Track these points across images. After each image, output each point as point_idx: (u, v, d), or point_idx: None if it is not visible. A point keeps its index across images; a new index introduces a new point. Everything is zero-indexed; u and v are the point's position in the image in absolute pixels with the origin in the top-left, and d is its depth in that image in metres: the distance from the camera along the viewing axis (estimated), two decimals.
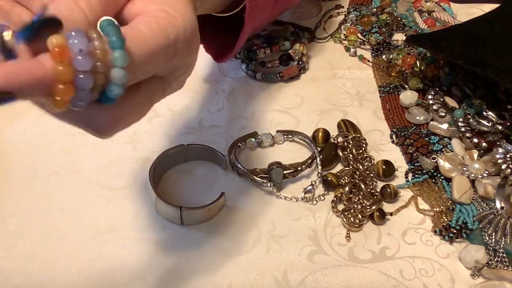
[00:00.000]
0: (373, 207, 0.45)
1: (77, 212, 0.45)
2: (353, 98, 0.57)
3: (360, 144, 0.50)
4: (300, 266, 0.42)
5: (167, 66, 0.30)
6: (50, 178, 0.48)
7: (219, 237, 0.44)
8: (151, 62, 0.28)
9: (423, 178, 0.48)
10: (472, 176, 0.46)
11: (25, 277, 0.41)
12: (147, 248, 0.43)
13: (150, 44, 0.27)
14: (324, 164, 0.49)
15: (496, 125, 0.48)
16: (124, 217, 0.45)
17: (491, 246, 0.42)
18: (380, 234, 0.44)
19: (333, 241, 0.43)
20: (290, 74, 0.58)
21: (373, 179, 0.48)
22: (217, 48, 0.52)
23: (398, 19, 0.66)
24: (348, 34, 0.65)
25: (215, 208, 0.45)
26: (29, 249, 0.43)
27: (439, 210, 0.45)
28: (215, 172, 0.49)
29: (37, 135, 0.52)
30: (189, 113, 0.55)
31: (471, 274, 0.41)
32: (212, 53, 0.53)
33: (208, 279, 0.41)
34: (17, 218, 0.45)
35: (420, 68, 0.57)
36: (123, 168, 0.49)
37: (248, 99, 0.57)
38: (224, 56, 0.51)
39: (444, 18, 0.63)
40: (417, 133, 0.52)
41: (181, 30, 0.29)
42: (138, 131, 0.53)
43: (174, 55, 0.29)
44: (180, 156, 0.49)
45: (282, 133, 0.52)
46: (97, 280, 0.41)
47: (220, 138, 0.52)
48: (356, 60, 0.62)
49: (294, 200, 0.47)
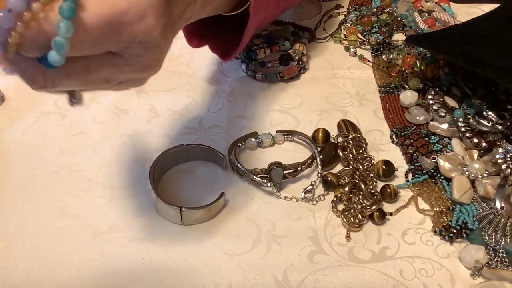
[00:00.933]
0: (373, 207, 0.45)
1: (77, 212, 0.45)
2: (353, 98, 0.57)
3: (360, 144, 0.50)
4: (300, 266, 0.42)
5: (112, 39, 0.29)
6: (50, 178, 0.48)
7: (219, 237, 0.44)
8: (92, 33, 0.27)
9: (423, 178, 0.48)
10: (472, 176, 0.46)
11: (25, 277, 0.41)
12: (147, 248, 0.43)
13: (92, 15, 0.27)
14: (324, 164, 0.49)
15: (496, 125, 0.48)
16: (124, 217, 0.45)
17: (491, 246, 0.42)
18: (380, 234, 0.44)
19: (333, 241, 0.43)
20: (290, 74, 0.58)
21: (373, 179, 0.48)
22: (222, 47, 0.52)
23: (398, 19, 0.66)
24: (348, 34, 0.65)
25: (215, 208, 0.45)
26: (29, 249, 0.43)
27: (439, 210, 0.45)
28: (215, 172, 0.49)
29: (37, 135, 0.52)
30: (189, 113, 0.55)
31: (471, 274, 0.41)
32: (218, 52, 0.53)
33: (208, 279, 0.41)
34: (17, 218, 0.45)
35: (420, 68, 0.57)
36: (123, 168, 0.49)
37: (248, 99, 0.57)
38: (230, 54, 0.51)
39: (444, 18, 0.63)
40: (417, 133, 0.52)
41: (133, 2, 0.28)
42: (138, 131, 0.53)
43: (121, 28, 0.28)
44: (180, 156, 0.49)
45: (282, 133, 0.52)
46: (97, 280, 0.41)
47: (220, 138, 0.52)
48: (356, 60, 0.62)
49: (294, 200, 0.47)
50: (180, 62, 0.61)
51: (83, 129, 0.53)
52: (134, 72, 0.33)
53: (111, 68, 0.31)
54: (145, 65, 0.32)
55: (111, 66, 0.31)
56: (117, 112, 0.55)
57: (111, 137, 0.52)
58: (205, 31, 0.51)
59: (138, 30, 0.29)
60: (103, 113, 0.55)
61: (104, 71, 0.31)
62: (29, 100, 0.56)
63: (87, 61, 0.30)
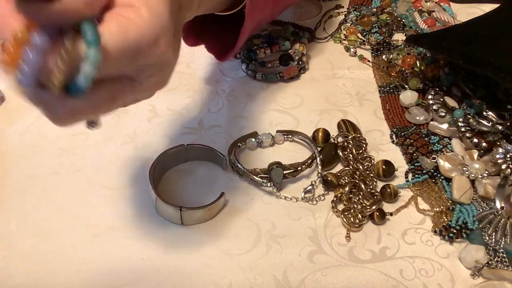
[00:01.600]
0: (373, 207, 0.45)
1: (77, 212, 0.45)
2: (353, 98, 0.57)
3: (360, 144, 0.50)
4: (300, 266, 0.42)
5: (129, 66, 0.29)
6: (50, 178, 0.48)
7: (219, 237, 0.44)
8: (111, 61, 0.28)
9: (423, 178, 0.48)
10: (472, 176, 0.46)
11: (25, 277, 0.41)
12: (147, 248, 0.43)
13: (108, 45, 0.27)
14: (324, 164, 0.49)
15: (496, 125, 0.48)
16: (124, 217, 0.45)
17: (491, 246, 0.42)
18: (380, 234, 0.44)
19: (333, 241, 0.43)
20: (290, 74, 0.58)
21: (373, 179, 0.48)
22: (218, 47, 0.52)
23: (398, 19, 0.66)
24: (348, 34, 0.65)
25: (215, 208, 0.45)
26: (29, 249, 0.43)
27: (439, 210, 0.45)
28: (215, 172, 0.49)
29: (37, 135, 0.52)
30: (189, 113, 0.55)
31: (471, 274, 0.41)
32: (214, 52, 0.53)
33: (208, 279, 0.41)
34: (17, 218, 0.45)
35: (420, 68, 0.57)
36: (123, 168, 0.49)
37: (248, 99, 0.57)
38: (226, 54, 0.51)
39: (444, 18, 0.63)
40: (417, 133, 0.52)
41: (147, 30, 0.28)
42: (138, 131, 0.53)
43: (136, 55, 0.29)
44: (180, 156, 0.49)
45: (282, 133, 0.52)
46: (97, 280, 0.41)
47: (220, 138, 0.52)
48: (356, 60, 0.62)
49: (294, 200, 0.47)
50: (180, 62, 0.60)
51: (83, 129, 0.52)
52: (146, 90, 0.33)
53: (131, 93, 0.32)
54: (158, 83, 0.33)
55: (131, 90, 0.32)
56: (117, 112, 0.55)
57: (111, 137, 0.52)
58: (201, 30, 0.51)
59: (154, 54, 0.30)
60: None
61: (127, 96, 0.32)
62: None
63: (111, 89, 0.30)
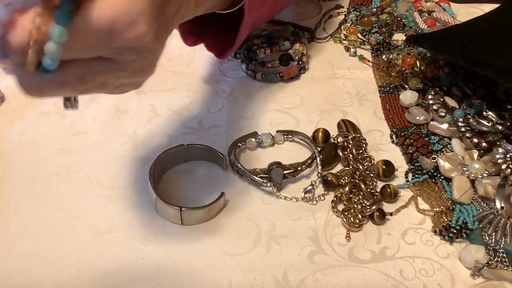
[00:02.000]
0: (373, 207, 0.45)
1: (77, 212, 0.45)
2: (353, 98, 0.57)
3: (360, 144, 0.50)
4: (300, 266, 0.42)
5: (103, 47, 0.29)
6: (50, 178, 0.48)
7: (219, 237, 0.44)
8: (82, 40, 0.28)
9: (423, 178, 0.48)
10: (472, 176, 0.46)
11: (25, 277, 0.41)
12: (147, 248, 0.43)
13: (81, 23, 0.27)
14: (324, 164, 0.49)
15: (496, 125, 0.48)
16: (124, 217, 0.45)
17: (491, 246, 0.42)
18: (380, 234, 0.44)
19: (333, 241, 0.43)
20: (290, 74, 0.58)
21: (373, 179, 0.48)
22: (218, 46, 0.52)
23: (398, 19, 0.66)
24: (348, 34, 0.65)
25: (215, 208, 0.45)
26: (29, 249, 0.43)
27: (439, 210, 0.45)
28: (215, 172, 0.49)
29: (37, 135, 0.52)
30: (189, 113, 0.55)
31: (471, 274, 0.41)
32: (214, 51, 0.53)
33: (208, 279, 0.41)
34: (17, 218, 0.45)
35: (420, 68, 0.57)
36: (123, 168, 0.49)
37: (248, 99, 0.57)
38: (226, 52, 0.51)
39: (444, 18, 0.63)
40: (417, 133, 0.52)
41: (120, 11, 0.28)
42: (138, 131, 0.53)
43: (110, 37, 0.28)
44: (180, 156, 0.49)
45: (282, 133, 0.52)
46: (97, 280, 0.41)
47: (220, 138, 0.52)
48: (356, 60, 0.62)
49: (294, 200, 0.47)
50: (180, 62, 0.61)
51: (83, 129, 0.53)
52: (128, 77, 0.33)
53: (105, 75, 0.32)
54: (139, 69, 0.33)
55: (105, 72, 0.31)
56: (117, 112, 0.55)
57: (111, 137, 0.52)
58: (201, 29, 0.51)
59: (129, 37, 0.29)
60: (103, 113, 0.55)
61: (99, 78, 0.31)
62: (29, 100, 0.56)
63: (82, 69, 0.30)
